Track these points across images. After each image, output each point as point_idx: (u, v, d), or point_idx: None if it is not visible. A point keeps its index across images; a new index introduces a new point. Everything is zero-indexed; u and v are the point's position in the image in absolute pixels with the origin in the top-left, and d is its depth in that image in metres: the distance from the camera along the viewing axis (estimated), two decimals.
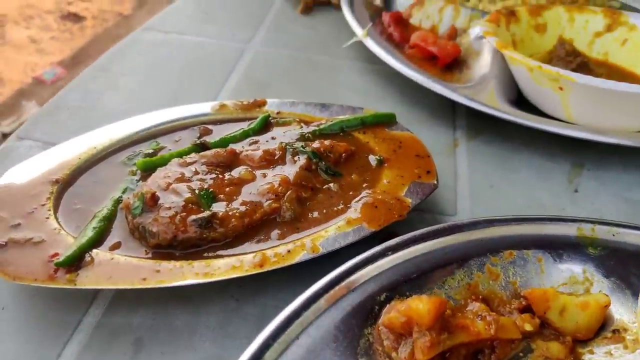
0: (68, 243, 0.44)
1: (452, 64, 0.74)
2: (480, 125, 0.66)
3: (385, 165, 0.53)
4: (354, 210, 0.48)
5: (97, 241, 0.45)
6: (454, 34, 0.81)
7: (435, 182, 0.51)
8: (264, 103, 0.61)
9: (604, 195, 0.58)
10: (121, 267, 0.43)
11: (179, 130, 0.58)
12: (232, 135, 0.56)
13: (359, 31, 0.75)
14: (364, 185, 0.51)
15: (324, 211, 0.49)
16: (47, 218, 0.47)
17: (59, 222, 0.47)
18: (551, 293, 0.43)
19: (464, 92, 0.64)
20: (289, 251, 0.44)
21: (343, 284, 0.41)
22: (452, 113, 0.69)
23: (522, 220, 0.47)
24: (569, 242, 0.47)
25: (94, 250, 0.44)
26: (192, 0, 0.94)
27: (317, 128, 0.57)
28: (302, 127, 0.57)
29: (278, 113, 0.60)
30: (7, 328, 0.43)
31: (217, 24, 0.87)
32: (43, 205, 0.48)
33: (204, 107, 0.60)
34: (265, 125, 0.58)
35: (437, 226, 0.46)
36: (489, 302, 0.44)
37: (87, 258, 0.43)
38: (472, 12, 0.81)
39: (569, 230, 0.47)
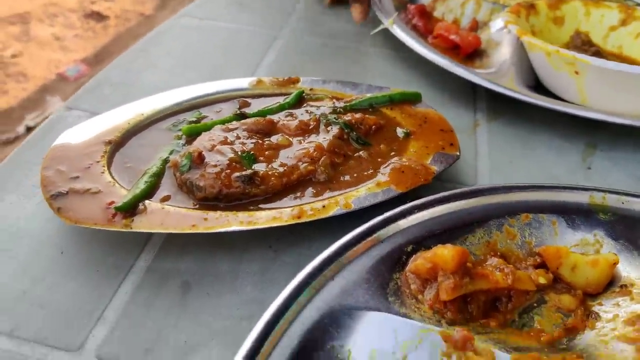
0: (122, 194, 0.49)
1: (473, 53, 0.78)
2: (500, 107, 0.70)
3: (412, 137, 0.57)
4: (383, 175, 0.52)
5: (148, 193, 0.50)
6: (475, 26, 0.85)
7: (458, 153, 0.55)
8: (297, 80, 0.65)
9: (616, 173, 0.61)
10: (172, 215, 0.47)
11: (220, 102, 0.62)
12: (269, 107, 0.61)
13: (385, 20, 0.79)
14: (391, 154, 0.55)
15: (355, 175, 0.53)
16: (102, 173, 0.52)
17: (113, 177, 0.51)
18: (564, 251, 0.46)
19: (485, 76, 0.68)
20: (324, 206, 0.48)
21: (373, 235, 0.45)
22: (472, 96, 0.73)
23: (539, 188, 0.51)
24: (581, 208, 0.50)
25: (147, 201, 0.49)
26: None
27: (348, 103, 0.61)
28: (334, 102, 0.62)
29: (311, 90, 0.64)
30: (67, 270, 0.48)
31: (249, 13, 0.92)
32: (98, 162, 0.53)
33: (242, 82, 0.65)
34: (300, 100, 0.62)
35: (460, 189, 0.50)
36: (506, 259, 0.48)
37: (141, 207, 0.48)
38: (494, 6, 0.85)
39: (581, 197, 0.51)
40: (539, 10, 0.76)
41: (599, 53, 0.69)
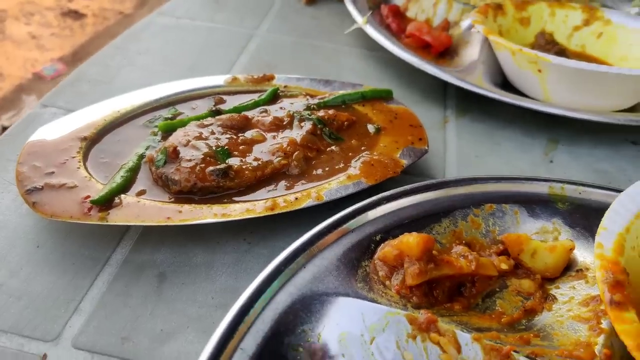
0: (98, 189, 0.50)
1: (444, 52, 0.81)
2: (469, 105, 0.72)
3: (382, 132, 0.59)
4: (354, 168, 0.54)
5: (124, 187, 0.51)
6: (446, 26, 0.88)
7: (426, 147, 0.58)
8: (272, 77, 0.67)
9: (576, 166, 0.65)
10: (147, 208, 0.48)
11: (195, 99, 0.63)
12: (244, 104, 0.62)
13: (359, 19, 0.81)
14: (362, 149, 0.57)
15: (327, 169, 0.55)
16: (78, 168, 0.52)
17: (88, 172, 0.52)
18: (524, 238, 0.49)
19: (455, 74, 0.70)
20: (296, 198, 0.50)
21: (344, 225, 0.47)
22: (443, 93, 0.75)
23: (502, 180, 0.54)
24: (541, 198, 0.53)
25: (122, 195, 0.50)
26: None
27: (321, 100, 0.63)
28: (307, 99, 0.63)
29: (285, 87, 0.66)
30: (44, 263, 0.48)
31: (226, 12, 0.93)
32: (73, 157, 0.54)
33: (218, 80, 0.66)
34: (274, 97, 0.64)
35: (427, 181, 0.52)
36: (471, 247, 0.50)
37: (117, 200, 0.49)
38: (464, 7, 0.88)
39: (541, 188, 0.53)
40: (506, 11, 0.79)
41: (562, 52, 0.72)
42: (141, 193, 0.51)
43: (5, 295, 0.45)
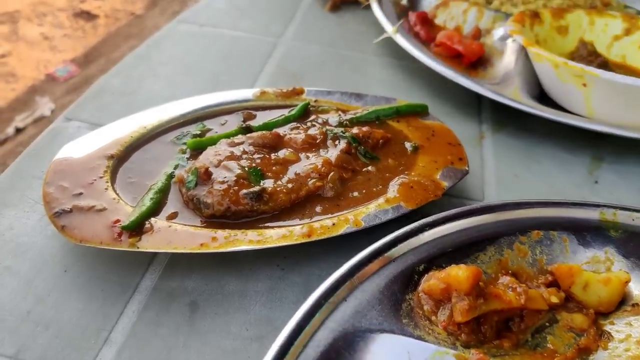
0: (127, 212, 0.48)
1: (476, 62, 0.78)
2: (505, 118, 0.69)
3: (420, 151, 0.57)
4: (392, 190, 0.51)
5: (154, 211, 0.49)
6: (477, 34, 0.84)
7: (467, 168, 0.55)
8: (302, 91, 0.64)
9: (623, 187, 0.61)
10: (179, 234, 0.46)
11: (224, 114, 0.61)
12: (275, 120, 0.60)
13: (389, 28, 0.79)
14: (400, 169, 0.55)
15: (363, 191, 0.52)
16: (106, 189, 0.51)
17: (117, 193, 0.50)
18: (576, 269, 0.46)
19: (490, 87, 0.68)
20: (333, 224, 0.47)
21: (385, 255, 0.45)
22: (477, 107, 0.72)
23: (549, 204, 0.51)
24: (592, 225, 0.50)
25: (153, 219, 0.48)
26: None
27: (354, 116, 0.60)
28: (339, 114, 0.61)
29: (316, 101, 0.64)
30: (71, 288, 0.47)
31: (249, 19, 0.91)
32: (101, 177, 0.52)
33: (246, 93, 0.64)
34: (305, 112, 0.61)
35: (470, 206, 0.49)
36: (518, 277, 0.47)
37: (147, 225, 0.47)
38: (496, 14, 0.85)
39: (592, 214, 0.50)
40: (543, 20, 0.76)
41: (605, 64, 0.69)
42: (172, 216, 0.49)
43: (32, 323, 0.44)
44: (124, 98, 0.70)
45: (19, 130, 2.17)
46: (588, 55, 0.70)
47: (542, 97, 0.71)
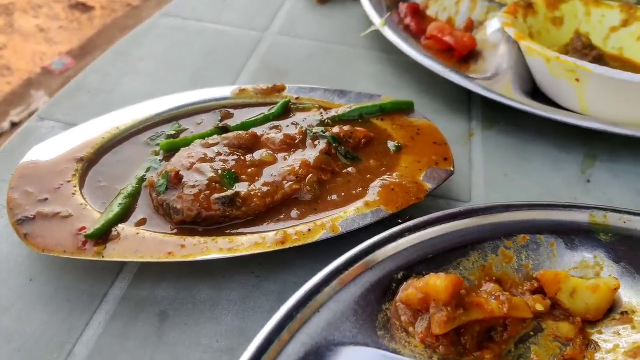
0: (94, 218, 0.46)
1: (468, 56, 0.75)
2: (496, 115, 0.67)
3: (403, 151, 0.54)
4: (372, 193, 0.49)
5: (123, 217, 0.47)
6: (470, 26, 0.81)
7: (452, 169, 0.52)
8: (283, 88, 0.62)
9: (616, 186, 0.59)
10: (147, 241, 0.44)
11: (201, 113, 0.59)
12: (253, 119, 0.57)
13: (376, 20, 0.76)
14: (382, 170, 0.52)
15: (342, 194, 0.50)
16: (73, 194, 0.48)
17: (84, 199, 0.48)
18: (563, 275, 0.44)
19: (481, 83, 0.65)
20: (309, 230, 0.45)
21: (362, 262, 0.43)
22: (467, 103, 0.70)
23: (536, 207, 0.49)
24: (581, 228, 0.48)
25: (120, 226, 0.46)
26: None
27: (336, 114, 0.58)
28: (321, 113, 0.59)
29: (297, 99, 0.61)
30: (37, 299, 0.45)
31: (234, 11, 0.88)
32: (69, 181, 0.50)
33: (225, 91, 0.61)
34: (286, 111, 0.59)
35: (453, 209, 0.47)
36: (502, 284, 0.45)
37: (114, 232, 0.45)
38: (490, 4, 0.82)
39: (581, 217, 0.48)
40: (537, 10, 0.73)
41: (600, 58, 0.66)
42: (141, 222, 0.47)
43: None
44: (101, 96, 0.67)
45: (14, 125, 2.15)
46: (583, 48, 0.67)
47: (535, 92, 0.68)
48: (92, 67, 0.73)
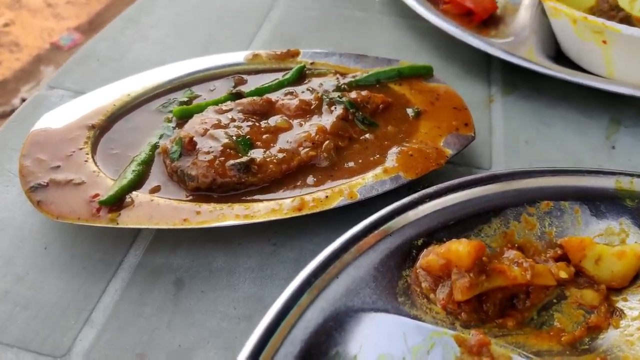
0: (108, 185, 0.45)
1: (488, 20, 0.72)
2: (516, 80, 0.64)
3: (422, 116, 0.53)
4: (391, 160, 0.48)
5: (136, 183, 0.46)
6: None
7: (473, 134, 0.51)
8: (297, 53, 0.60)
9: None
10: (162, 208, 0.44)
11: (213, 79, 0.58)
12: (267, 85, 0.56)
13: None
14: (400, 136, 0.51)
15: (360, 161, 0.49)
16: (86, 161, 0.48)
17: (97, 166, 0.48)
18: (588, 242, 0.43)
19: (502, 46, 0.62)
20: (327, 196, 0.44)
21: (381, 228, 0.42)
22: (487, 68, 0.67)
23: (560, 172, 0.47)
24: (606, 194, 0.46)
25: (134, 193, 0.45)
26: None
27: (353, 79, 0.56)
28: (337, 78, 0.57)
29: (312, 64, 0.60)
30: (51, 266, 0.45)
31: None
32: (81, 149, 0.49)
33: (237, 57, 0.60)
34: (301, 76, 0.57)
35: (474, 176, 0.46)
36: (525, 251, 0.44)
37: (128, 199, 0.44)
38: None
39: (607, 182, 0.47)
40: None
41: (627, 19, 0.63)
42: (155, 190, 0.46)
43: (11, 304, 0.42)
44: (111, 64, 0.66)
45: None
46: (609, 9, 0.64)
47: (559, 57, 0.66)
48: (100, 34, 0.72)
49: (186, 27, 0.73)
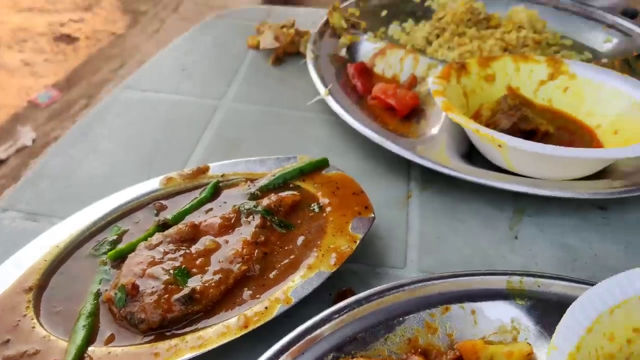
0: (62, 347, 0.47)
1: (410, 113, 0.80)
2: (433, 177, 0.70)
3: (329, 207, 0.59)
4: (312, 256, 0.54)
5: (90, 338, 0.48)
6: (413, 82, 0.87)
7: (373, 215, 0.57)
8: (207, 169, 0.66)
9: (542, 241, 0.63)
10: (121, 359, 0.46)
11: (135, 210, 0.61)
12: (188, 206, 0.61)
13: (322, 90, 0.81)
14: (314, 231, 0.57)
15: (285, 261, 0.54)
16: (33, 327, 0.49)
17: (45, 329, 0.49)
18: (479, 345, 0.48)
19: (417, 148, 0.69)
20: (266, 307, 0.49)
21: (295, 347, 0.46)
22: (407, 166, 0.74)
23: (457, 276, 0.53)
24: (499, 294, 0.52)
25: (90, 348, 0.47)
26: (170, 56, 1.00)
27: (263, 184, 0.62)
28: (248, 185, 0.63)
29: (222, 175, 0.65)
30: None
31: (192, 80, 0.93)
32: (25, 315, 0.50)
33: (153, 183, 0.64)
34: (216, 191, 0.63)
35: (378, 288, 0.51)
36: (428, 354, 0.49)
37: (87, 358, 0.46)
38: (430, 61, 0.87)
39: (499, 283, 0.52)
40: (470, 70, 0.78)
41: (525, 117, 0.71)
42: (110, 339, 0.48)
43: None
44: (60, 182, 0.70)
45: (1, 162, 2.17)
46: (509, 109, 0.71)
47: (472, 149, 0.73)
48: (53, 149, 0.77)
49: (134, 137, 0.79)
